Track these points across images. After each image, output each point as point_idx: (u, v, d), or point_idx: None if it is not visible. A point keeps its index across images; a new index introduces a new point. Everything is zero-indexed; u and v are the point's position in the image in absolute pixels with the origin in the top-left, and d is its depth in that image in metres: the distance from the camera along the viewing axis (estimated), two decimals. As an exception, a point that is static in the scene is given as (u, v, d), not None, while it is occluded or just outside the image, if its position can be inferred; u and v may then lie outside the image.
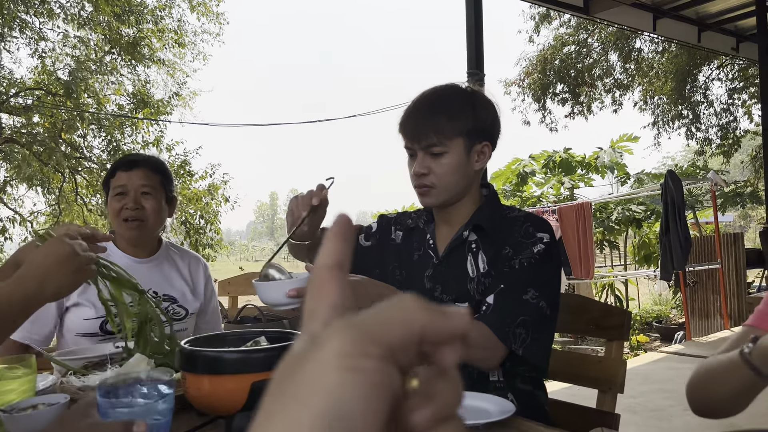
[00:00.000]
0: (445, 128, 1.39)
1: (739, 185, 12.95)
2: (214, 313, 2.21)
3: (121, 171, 1.94)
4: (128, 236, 1.95)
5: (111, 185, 1.96)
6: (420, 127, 1.41)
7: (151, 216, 1.94)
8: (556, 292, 1.39)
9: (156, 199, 1.95)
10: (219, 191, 9.86)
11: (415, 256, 1.56)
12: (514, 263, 1.37)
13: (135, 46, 9.64)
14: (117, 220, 1.93)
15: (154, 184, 1.95)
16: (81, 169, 9.44)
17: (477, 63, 4.23)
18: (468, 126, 1.41)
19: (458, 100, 1.43)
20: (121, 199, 1.92)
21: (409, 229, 1.62)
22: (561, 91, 12.60)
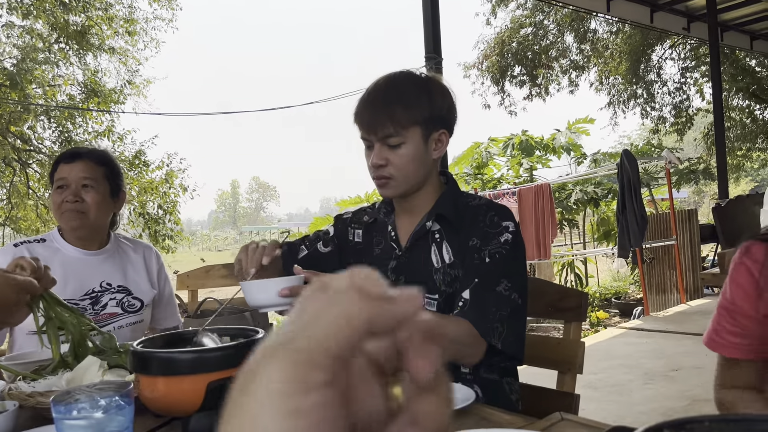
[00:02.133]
0: (401, 118, 1.36)
1: (693, 162, 13.33)
2: (169, 301, 2.18)
3: (64, 163, 1.90)
4: (69, 228, 1.91)
5: (54, 178, 1.91)
6: (375, 117, 1.38)
7: (92, 208, 1.89)
8: (525, 280, 1.40)
9: (98, 192, 1.90)
10: (176, 180, 9.66)
11: (376, 250, 1.55)
12: (484, 255, 1.37)
13: (83, 35, 9.33)
14: (57, 213, 1.89)
15: (96, 176, 1.91)
16: (32, 162, 9.13)
17: (434, 47, 4.22)
18: (424, 114, 1.38)
19: (413, 88, 1.40)
20: (62, 192, 1.87)
21: (368, 224, 1.60)
22: (519, 74, 12.72)
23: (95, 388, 0.89)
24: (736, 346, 1.03)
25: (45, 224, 9.44)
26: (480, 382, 1.42)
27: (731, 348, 1.04)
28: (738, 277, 1.01)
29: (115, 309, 1.95)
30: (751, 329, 1.00)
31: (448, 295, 1.41)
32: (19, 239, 1.97)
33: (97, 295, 1.93)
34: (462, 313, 1.33)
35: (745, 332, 1.01)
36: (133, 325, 1.98)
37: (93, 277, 1.94)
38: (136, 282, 2.03)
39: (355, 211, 1.68)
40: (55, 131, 9.04)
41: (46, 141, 9.27)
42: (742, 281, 1.00)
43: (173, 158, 9.66)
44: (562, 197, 8.39)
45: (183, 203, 9.72)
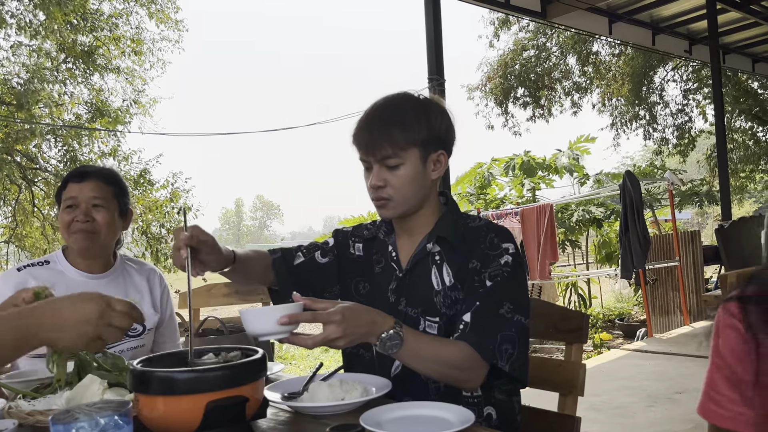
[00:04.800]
0: (399, 139, 1.37)
1: (696, 184, 13.32)
2: (171, 325, 2.16)
3: (73, 183, 1.89)
4: (78, 248, 1.89)
5: (62, 197, 1.91)
6: (374, 139, 1.39)
7: (102, 228, 1.88)
8: (527, 302, 1.39)
9: (108, 211, 1.90)
10: (180, 199, 9.70)
11: (377, 268, 1.54)
12: (484, 277, 1.37)
13: (90, 55, 9.44)
14: (67, 233, 1.88)
15: (106, 195, 1.91)
16: (37, 180, 9.18)
17: (437, 69, 4.26)
18: (422, 136, 1.39)
19: (411, 110, 1.41)
20: (71, 211, 1.87)
21: (368, 239, 1.60)
22: (522, 95, 12.80)
23: (94, 407, 0.89)
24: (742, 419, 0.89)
25: (50, 243, 9.47)
26: (494, 404, 1.41)
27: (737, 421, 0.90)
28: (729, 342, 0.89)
29: None
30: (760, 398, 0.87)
31: (449, 318, 1.40)
32: (23, 262, 1.96)
33: None
34: (463, 336, 1.33)
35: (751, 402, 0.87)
36: (134, 349, 1.97)
37: None
38: (139, 306, 2.02)
39: (356, 225, 1.68)
40: (61, 150, 9.11)
41: (52, 160, 9.34)
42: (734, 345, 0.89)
43: (178, 177, 9.71)
44: (565, 217, 8.39)
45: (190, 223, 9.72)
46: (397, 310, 1.45)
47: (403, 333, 1.23)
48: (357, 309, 1.21)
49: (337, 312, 1.16)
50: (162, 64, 10.90)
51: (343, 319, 1.16)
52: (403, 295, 1.46)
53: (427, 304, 1.42)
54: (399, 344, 1.22)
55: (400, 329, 1.22)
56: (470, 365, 1.30)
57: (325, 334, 1.16)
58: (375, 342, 1.22)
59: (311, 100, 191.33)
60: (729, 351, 0.90)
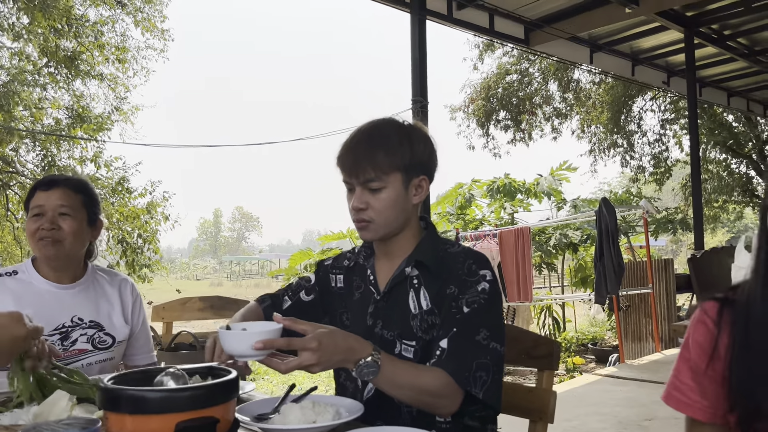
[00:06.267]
0: (382, 163, 1.40)
1: (671, 212, 13.56)
2: (143, 337, 2.12)
3: (40, 191, 1.87)
4: (43, 256, 1.87)
5: (30, 206, 1.87)
6: (358, 162, 1.41)
7: (68, 237, 1.85)
8: (503, 329, 1.41)
9: (75, 220, 1.87)
10: (159, 209, 9.60)
11: (356, 294, 1.56)
12: (461, 303, 1.38)
13: (73, 60, 9.36)
14: (33, 241, 1.84)
15: (74, 204, 1.88)
16: (13, 184, 9.03)
17: (421, 91, 4.30)
18: (405, 161, 1.42)
19: (395, 135, 1.44)
20: (38, 219, 1.84)
21: (348, 268, 1.62)
22: (504, 118, 12.98)
23: (62, 424, 0.89)
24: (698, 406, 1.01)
25: (22, 248, 9.30)
26: (467, 429, 1.42)
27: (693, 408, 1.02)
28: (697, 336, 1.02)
29: (85, 345, 1.90)
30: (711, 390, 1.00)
31: (425, 343, 1.41)
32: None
33: (67, 330, 1.87)
34: (439, 362, 1.34)
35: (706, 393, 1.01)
36: (102, 362, 1.93)
37: (64, 312, 1.89)
38: (110, 317, 1.98)
39: (336, 256, 1.69)
40: (39, 155, 8.98)
41: (29, 164, 9.20)
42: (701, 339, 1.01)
43: (156, 186, 9.63)
44: (542, 241, 8.48)
45: (164, 231, 9.65)
46: (374, 332, 1.46)
47: (380, 360, 1.24)
48: (335, 335, 1.22)
49: (314, 339, 1.18)
50: (146, 73, 10.85)
51: (319, 346, 1.17)
52: (380, 317, 1.47)
53: (403, 328, 1.43)
54: (376, 371, 1.23)
55: (378, 356, 1.24)
56: (446, 392, 1.31)
57: (299, 360, 1.18)
58: (352, 368, 1.24)
59: (295, 116, 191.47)
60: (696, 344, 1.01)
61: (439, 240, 1.53)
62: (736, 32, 8.24)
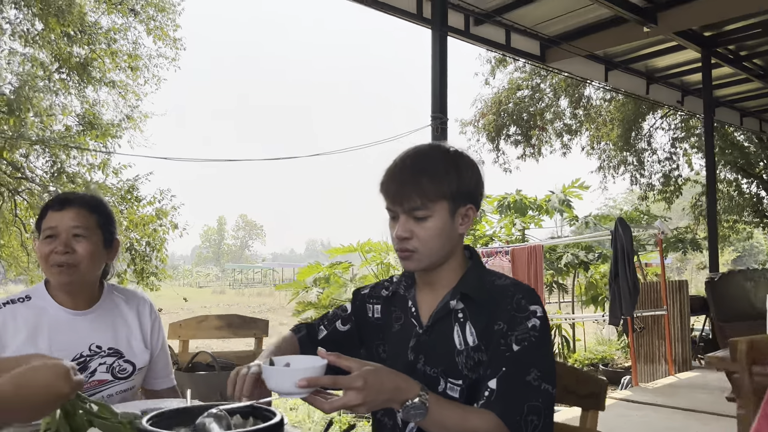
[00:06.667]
0: (429, 191, 1.34)
1: (681, 231, 13.47)
2: (162, 360, 2.04)
3: (52, 211, 1.76)
4: (58, 283, 1.77)
5: (42, 227, 1.76)
6: (403, 189, 1.36)
7: (83, 260, 1.74)
8: (554, 368, 1.34)
9: (90, 242, 1.76)
10: (167, 217, 9.57)
11: (396, 326, 1.50)
12: (511, 341, 1.31)
13: (85, 67, 9.36)
14: (46, 266, 1.74)
15: (88, 225, 1.77)
16: (22, 190, 9.00)
17: (441, 107, 4.26)
18: (452, 189, 1.36)
19: (442, 162, 1.38)
20: (50, 242, 1.73)
21: (387, 298, 1.56)
22: (514, 133, 12.95)
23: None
24: None
25: (29, 254, 9.26)
26: None
27: None
28: None
29: (105, 375, 1.80)
30: None
31: (472, 382, 1.34)
32: (2, 298, 1.80)
33: (85, 360, 1.78)
34: (488, 404, 1.28)
35: None
36: (123, 393, 1.84)
37: (81, 340, 1.79)
38: (129, 342, 1.88)
39: (374, 285, 1.63)
40: (48, 161, 8.96)
41: (38, 170, 9.18)
42: None
43: (165, 194, 9.60)
44: (553, 258, 8.40)
45: (171, 240, 9.61)
46: (416, 368, 1.39)
47: (428, 402, 1.18)
48: (381, 374, 1.17)
49: (359, 377, 1.13)
50: (157, 81, 10.85)
51: (365, 385, 1.12)
52: (422, 353, 1.40)
53: (447, 364, 1.37)
54: (423, 413, 1.17)
55: (426, 397, 1.18)
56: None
57: (344, 400, 1.13)
58: (398, 409, 1.18)
59: (302, 129, 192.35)
60: None
61: (485, 271, 1.47)
62: (752, 53, 8.22)
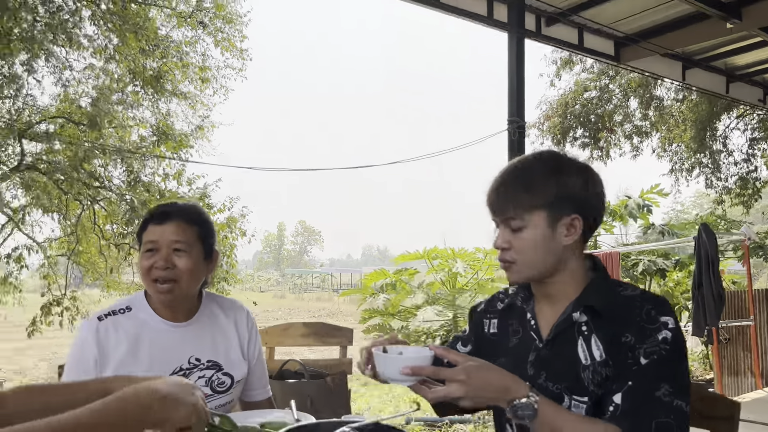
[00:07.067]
0: (523, 201, 1.33)
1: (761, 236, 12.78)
2: (259, 371, 2.01)
3: (153, 224, 1.75)
4: (159, 299, 1.77)
5: (142, 240, 1.76)
6: (499, 199, 1.37)
7: (183, 276, 1.72)
8: (688, 384, 1.26)
9: (191, 256, 1.74)
10: (236, 224, 9.79)
11: (513, 340, 1.46)
12: (639, 354, 1.25)
13: (158, 80, 9.69)
14: (147, 280, 1.74)
15: (188, 239, 1.74)
16: (100, 199, 9.39)
17: (518, 111, 4.16)
18: (549, 198, 1.32)
19: (540, 169, 1.35)
20: (151, 256, 1.72)
21: (502, 311, 1.53)
22: (581, 136, 12.62)
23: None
24: None
25: (106, 261, 9.63)
26: None
27: None
28: None
29: (204, 389, 1.78)
30: None
31: (598, 398, 1.28)
32: (104, 310, 1.81)
33: (185, 374, 1.77)
34: (614, 419, 1.21)
35: None
36: (222, 407, 1.81)
37: (181, 353, 1.78)
38: (227, 354, 1.86)
39: (489, 299, 1.60)
40: (125, 171, 9.32)
41: (115, 180, 9.56)
42: None
43: (235, 202, 9.84)
44: (627, 266, 8.11)
45: (240, 246, 9.82)
46: (537, 384, 1.33)
47: (537, 404, 1.16)
48: (487, 370, 1.20)
49: (462, 371, 1.16)
50: (225, 91, 11.13)
51: (467, 378, 1.15)
52: (543, 368, 1.35)
53: (572, 380, 1.31)
54: (532, 415, 1.16)
55: (536, 399, 1.17)
56: None
57: (446, 391, 1.17)
58: (506, 407, 1.18)
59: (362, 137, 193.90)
60: None
61: (610, 282, 1.40)
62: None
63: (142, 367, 1.71)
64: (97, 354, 1.71)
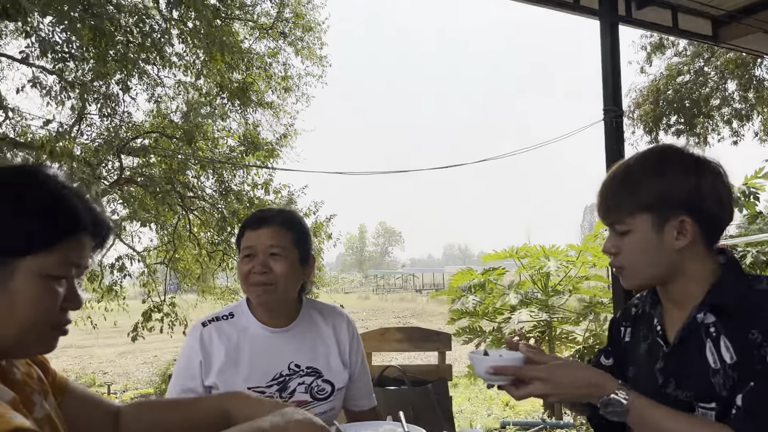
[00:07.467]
0: (624, 204, 1.26)
1: None
2: (363, 378, 2.00)
3: (250, 230, 1.79)
4: (257, 302, 1.80)
5: (241, 246, 1.80)
6: (603, 202, 1.32)
7: (280, 280, 1.74)
8: None
9: (287, 261, 1.75)
10: (323, 229, 9.95)
11: (643, 346, 1.38)
12: (765, 353, 1.14)
13: (244, 91, 10.00)
14: (246, 285, 1.78)
15: (285, 244, 1.76)
16: (195, 208, 9.81)
17: (614, 99, 3.95)
18: (651, 199, 1.24)
19: (643, 170, 1.27)
20: (249, 261, 1.76)
21: (635, 317, 1.45)
22: (675, 123, 11.95)
23: None
24: None
25: (202, 268, 10.03)
26: None
27: None
28: None
29: (304, 396, 1.79)
30: None
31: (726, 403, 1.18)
32: (208, 316, 1.87)
33: (285, 380, 1.78)
34: (734, 421, 1.12)
35: None
36: (323, 415, 1.79)
37: (281, 359, 1.80)
38: (327, 361, 1.86)
39: (625, 306, 1.51)
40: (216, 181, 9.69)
41: (207, 189, 9.96)
42: None
43: (320, 207, 10.01)
44: (735, 259, 7.57)
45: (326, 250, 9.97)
46: (666, 393, 1.24)
47: (628, 400, 1.17)
48: (570, 368, 1.23)
49: (543, 369, 1.22)
50: (306, 99, 11.36)
51: (548, 377, 1.20)
52: (671, 375, 1.26)
53: (701, 386, 1.20)
54: (622, 412, 1.17)
55: (625, 396, 1.17)
56: None
57: (530, 389, 1.23)
58: (597, 404, 1.21)
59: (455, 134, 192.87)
60: None
61: (742, 277, 1.27)
62: None
63: (242, 373, 1.75)
64: (202, 358, 1.76)
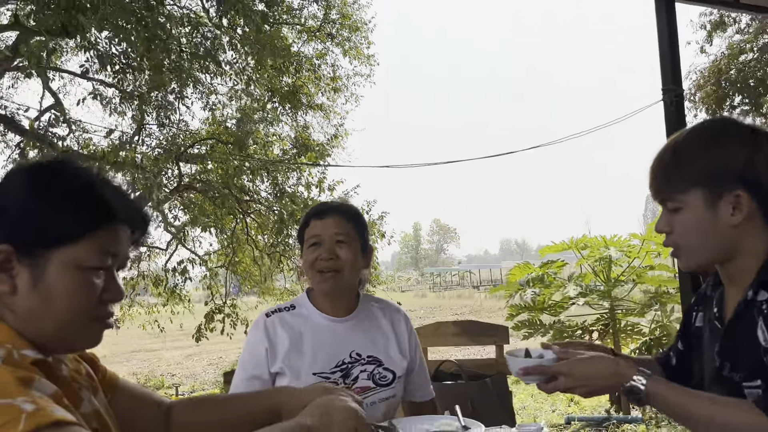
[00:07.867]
0: (674, 178, 1.22)
1: None
2: (421, 371, 2.05)
3: (314, 220, 1.88)
4: (323, 289, 1.86)
5: (305, 236, 1.89)
6: (654, 178, 1.27)
7: (346, 265, 1.82)
8: None
9: (351, 248, 1.84)
10: (376, 227, 9.98)
11: (706, 330, 1.33)
12: None
13: (294, 95, 10.14)
14: (312, 272, 1.85)
15: (348, 232, 1.85)
16: (251, 212, 10.01)
17: (673, 78, 3.78)
18: (704, 174, 1.17)
19: (694, 144, 1.21)
20: (315, 249, 1.83)
21: (703, 300, 1.40)
22: (740, 103, 11.41)
23: None
24: None
25: (260, 269, 10.23)
26: None
27: None
28: None
29: (367, 382, 1.84)
30: None
31: None
32: (270, 308, 1.96)
33: (347, 367, 1.84)
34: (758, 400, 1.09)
35: None
36: (386, 400, 1.86)
37: (343, 347, 1.86)
38: (386, 351, 1.92)
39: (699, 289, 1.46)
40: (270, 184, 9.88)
41: (262, 192, 10.16)
42: None
43: (372, 205, 10.05)
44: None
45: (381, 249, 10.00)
46: (723, 377, 1.19)
47: (644, 385, 1.17)
48: (593, 361, 1.24)
49: (564, 365, 1.25)
50: (355, 98, 11.42)
51: (569, 371, 1.24)
52: (727, 358, 1.20)
53: (752, 366, 1.14)
54: (640, 397, 1.18)
55: (642, 380, 1.17)
56: None
57: (555, 385, 1.27)
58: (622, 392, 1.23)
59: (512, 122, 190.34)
60: None
61: None
62: None
63: (306, 361, 1.81)
64: (268, 345, 1.83)
